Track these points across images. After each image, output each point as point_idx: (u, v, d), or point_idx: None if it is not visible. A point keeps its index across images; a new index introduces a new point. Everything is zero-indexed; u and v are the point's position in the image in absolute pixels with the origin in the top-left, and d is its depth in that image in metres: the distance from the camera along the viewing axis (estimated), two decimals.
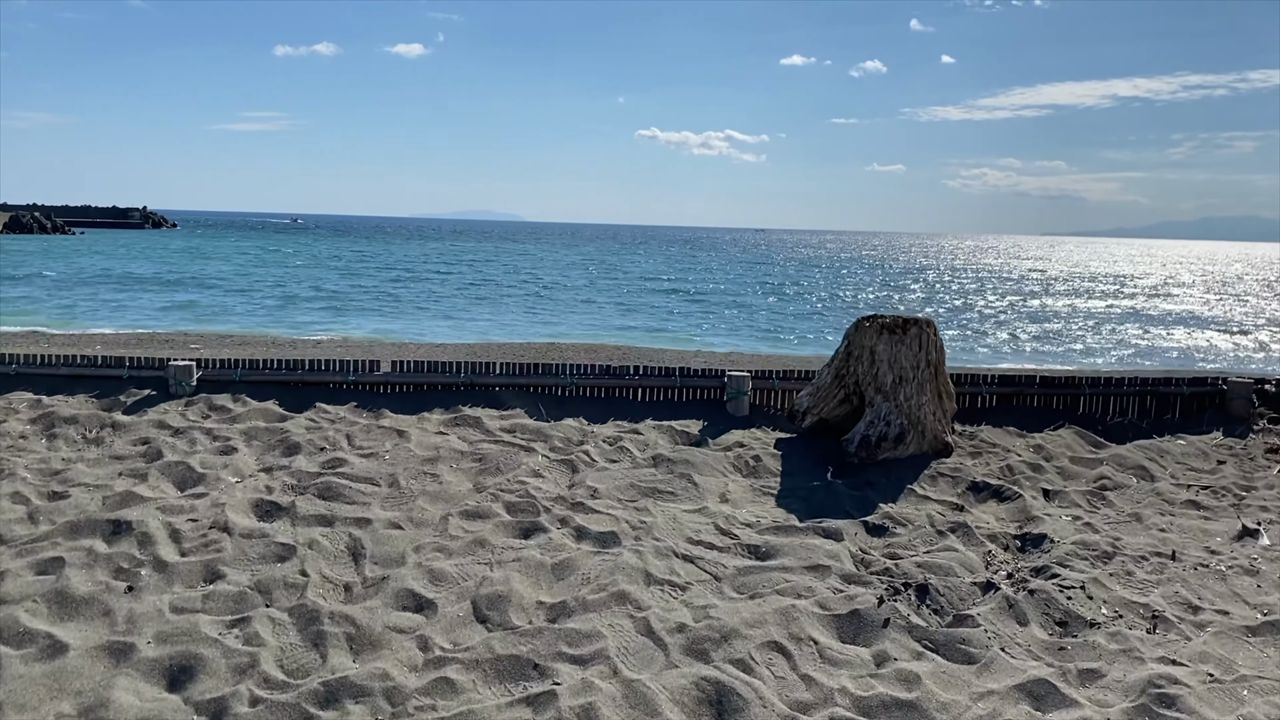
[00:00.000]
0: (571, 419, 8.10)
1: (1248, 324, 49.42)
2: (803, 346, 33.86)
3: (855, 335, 8.07)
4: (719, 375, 8.57)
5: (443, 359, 27.05)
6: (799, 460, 7.62)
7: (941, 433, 7.98)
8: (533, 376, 8.60)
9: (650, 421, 8.11)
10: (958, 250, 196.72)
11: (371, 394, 8.50)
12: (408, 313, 38.58)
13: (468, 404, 8.23)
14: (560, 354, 28.19)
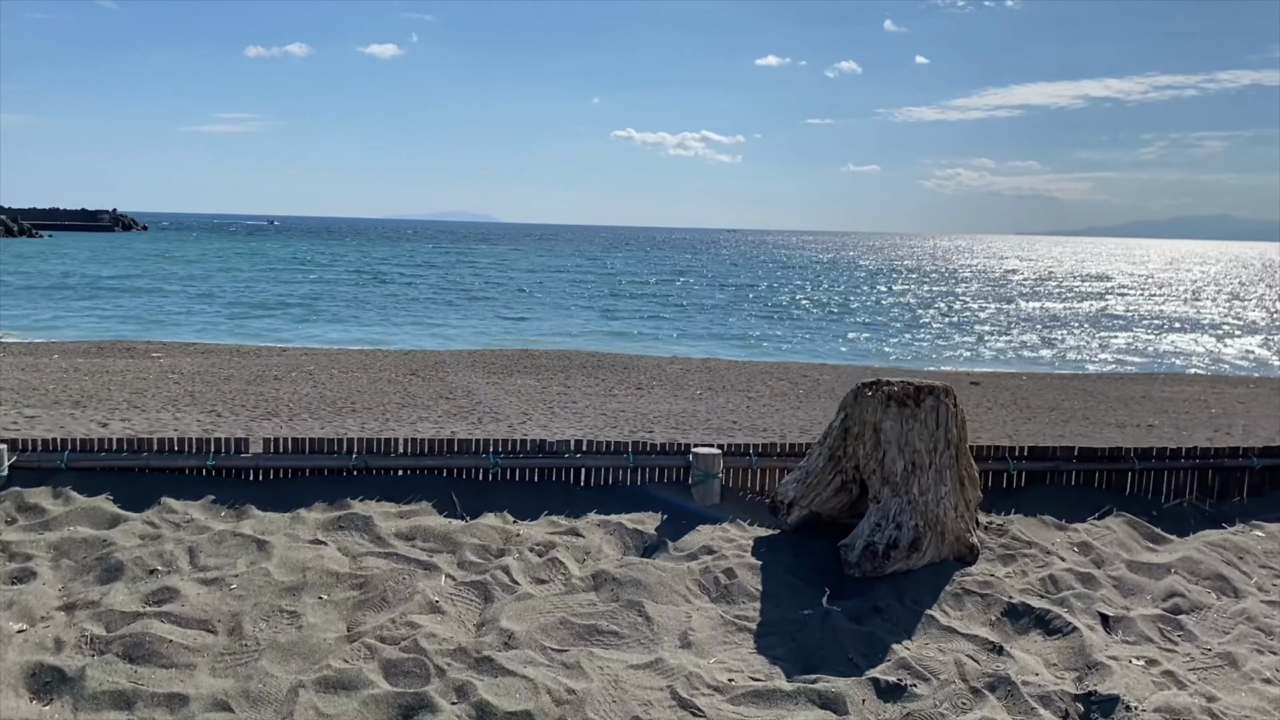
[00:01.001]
0: (493, 514, 6.24)
1: (1239, 325, 48.23)
2: (777, 353, 32.17)
3: (854, 407, 6.26)
4: (682, 452, 6.76)
5: (410, 366, 25.37)
6: (785, 574, 5.80)
7: (965, 532, 6.19)
8: (446, 456, 6.70)
9: (594, 516, 6.27)
10: (934, 250, 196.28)
11: (238, 482, 6.58)
12: (377, 318, 36.60)
13: (359, 494, 6.33)
14: (533, 360, 26.31)
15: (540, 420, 17.17)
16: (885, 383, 6.17)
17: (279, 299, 41.37)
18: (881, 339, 39.22)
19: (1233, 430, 19.59)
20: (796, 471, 6.43)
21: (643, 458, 6.75)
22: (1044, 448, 7.18)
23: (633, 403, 19.95)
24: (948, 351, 35.53)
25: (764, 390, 22.35)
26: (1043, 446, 7.20)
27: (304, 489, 6.32)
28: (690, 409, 19.49)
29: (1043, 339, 41.00)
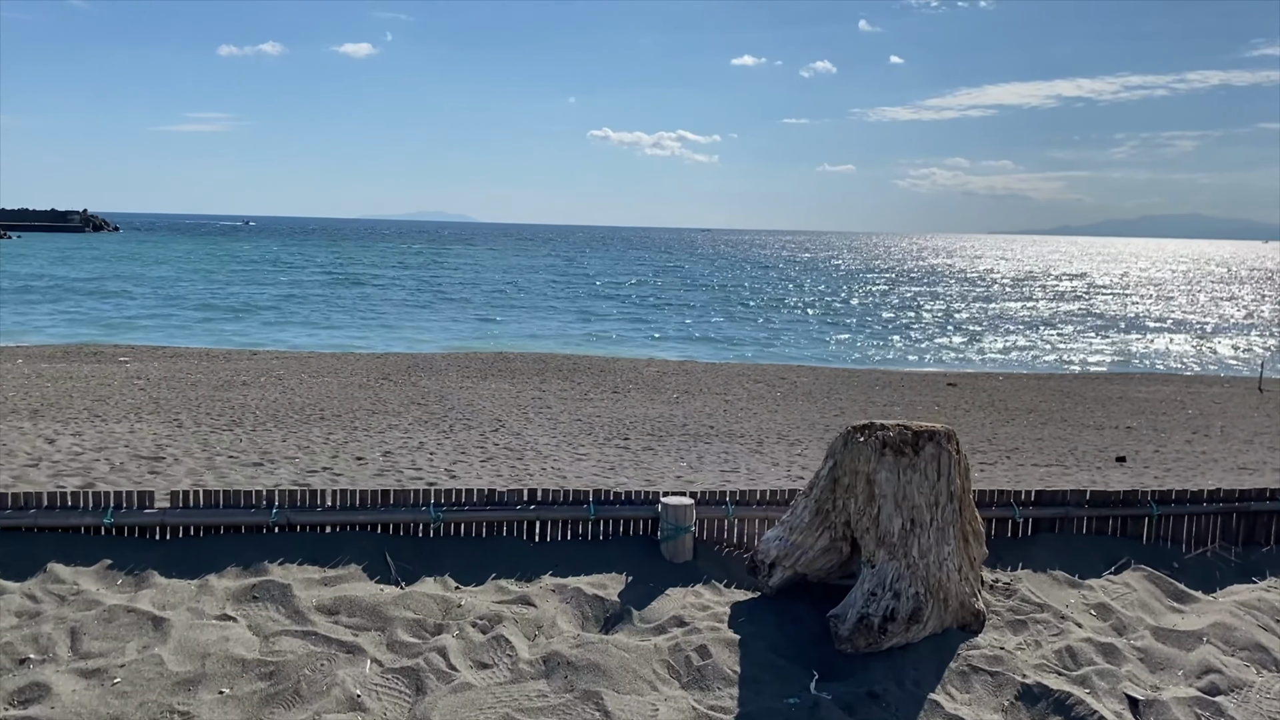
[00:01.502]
0: (432, 578, 5.24)
1: (1215, 324, 47.72)
2: (755, 355, 31.19)
3: (844, 455, 5.32)
4: (650, 502, 5.80)
5: (383, 369, 24.29)
6: (767, 651, 4.87)
7: (971, 596, 5.26)
8: (380, 510, 5.64)
9: (549, 579, 5.30)
10: (910, 250, 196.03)
11: (140, 542, 5.52)
12: (350, 321, 35.38)
13: (280, 556, 5.30)
14: (508, 364, 25.30)
15: (514, 426, 16.21)
16: (879, 426, 5.23)
17: (251, 301, 40.07)
18: (858, 340, 38.40)
19: (1210, 432, 18.87)
20: (778, 527, 5.49)
21: (605, 508, 5.77)
22: (1052, 492, 6.26)
23: (608, 407, 19.01)
24: (925, 352, 34.79)
25: (741, 393, 21.45)
26: (1051, 490, 6.28)
27: (217, 550, 5.31)
28: (667, 413, 18.57)
29: (1019, 339, 40.34)
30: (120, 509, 5.44)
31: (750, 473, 12.61)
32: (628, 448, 14.41)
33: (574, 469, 12.03)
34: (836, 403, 20.60)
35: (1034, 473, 14.04)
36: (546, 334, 33.66)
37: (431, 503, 5.64)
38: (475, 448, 13.52)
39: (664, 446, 14.75)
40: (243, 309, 37.22)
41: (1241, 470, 14.85)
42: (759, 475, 12.41)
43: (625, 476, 11.62)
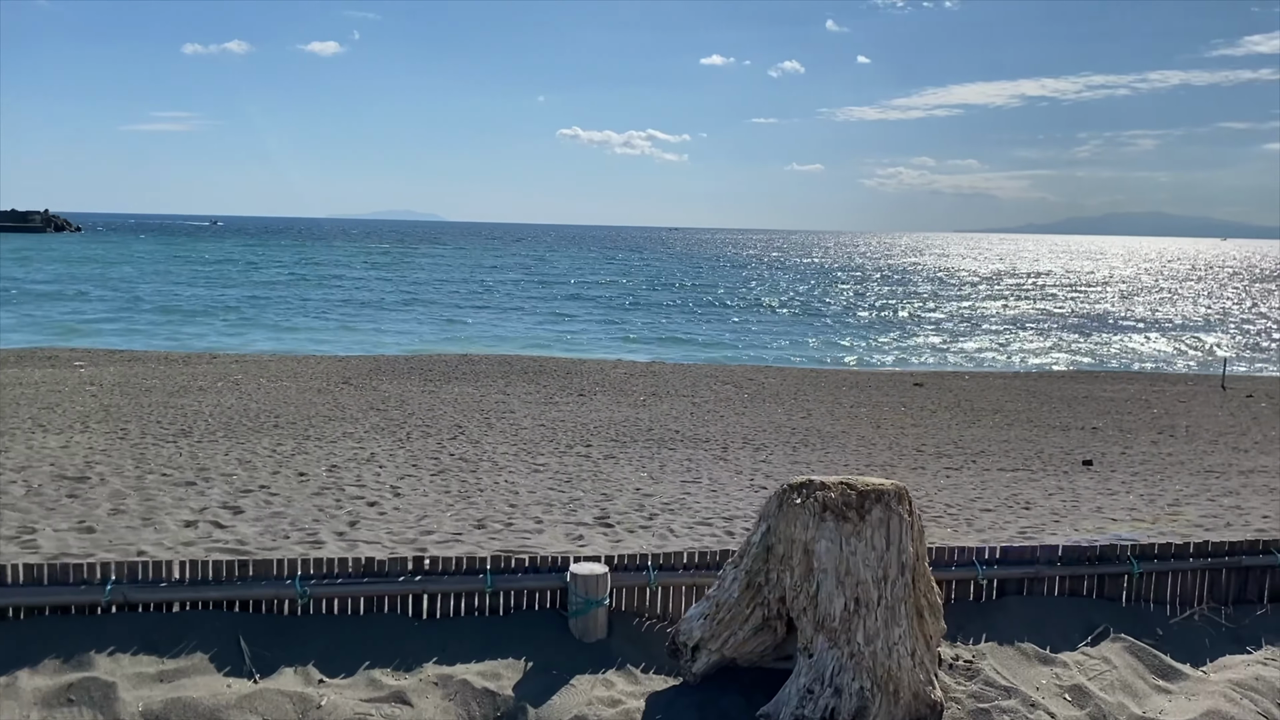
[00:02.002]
0: (294, 668, 4.23)
1: (1184, 322, 47.10)
2: (722, 355, 30.09)
3: (779, 519, 4.35)
4: (557, 568, 4.77)
5: (344, 373, 23.17)
6: None
7: (926, 685, 4.32)
8: (238, 585, 4.59)
9: (433, 668, 4.29)
10: (877, 249, 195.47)
11: None
12: (313, 323, 34.01)
13: (110, 644, 4.20)
14: (472, 366, 24.23)
15: (474, 433, 15.21)
16: (819, 485, 4.26)
17: (213, 303, 38.66)
18: (826, 339, 37.51)
19: (1176, 432, 18.09)
20: (704, 602, 4.52)
21: (504, 579, 4.75)
22: (1020, 548, 5.31)
23: (573, 411, 18.03)
24: (893, 352, 33.92)
25: (708, 395, 20.51)
26: (1018, 547, 5.32)
27: (36, 635, 4.26)
28: (632, 417, 17.61)
29: (986, 338, 39.57)
30: None
31: (712, 483, 11.66)
32: (589, 456, 13.45)
33: (528, 482, 11.04)
34: (804, 404, 19.70)
35: (1000, 478, 13.17)
36: (513, 335, 32.57)
37: (298, 575, 4.61)
38: (429, 459, 12.52)
39: (626, 454, 13.79)
40: (204, 311, 35.84)
41: (1208, 474, 14.04)
42: (721, 486, 11.46)
43: (581, 490, 10.65)
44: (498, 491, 10.27)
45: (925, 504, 10.79)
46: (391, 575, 4.71)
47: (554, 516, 8.87)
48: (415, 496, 9.66)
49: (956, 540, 8.63)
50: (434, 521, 8.36)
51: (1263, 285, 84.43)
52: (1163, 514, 10.84)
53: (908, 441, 16.16)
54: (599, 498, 10.17)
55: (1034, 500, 11.41)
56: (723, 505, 10.09)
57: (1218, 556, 5.40)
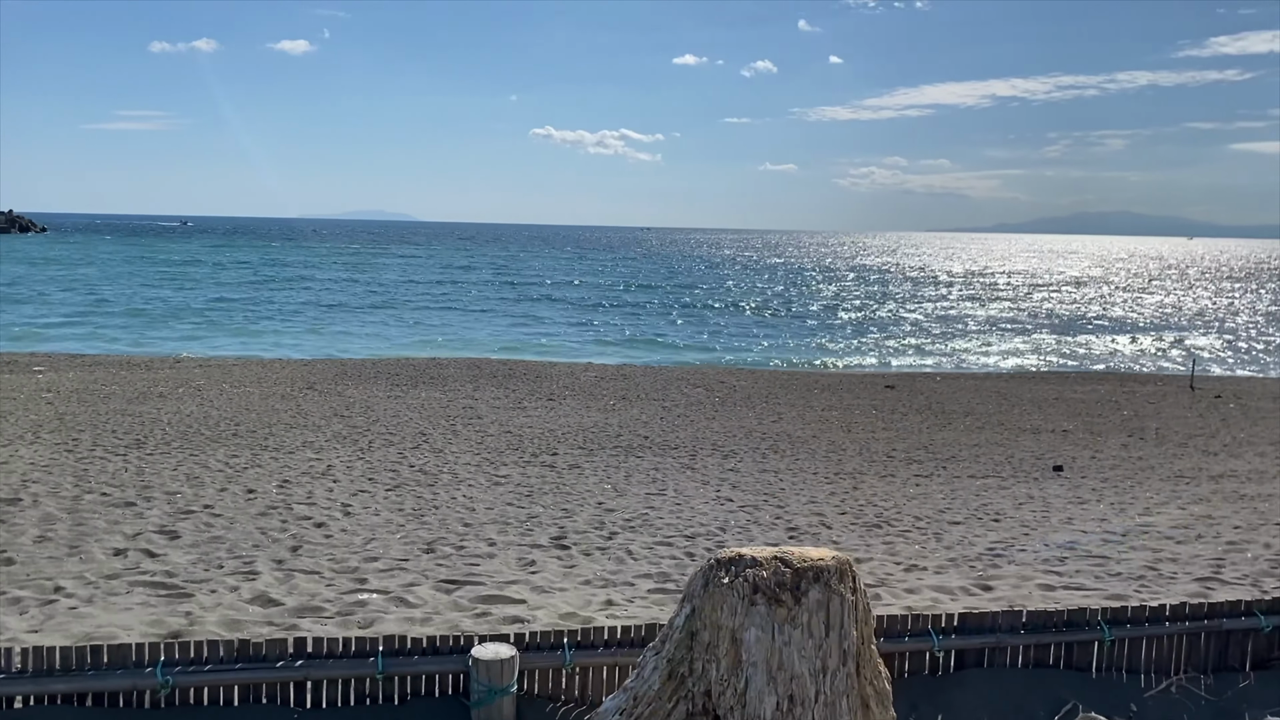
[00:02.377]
0: None
1: (1150, 321, 47.13)
2: (695, 356, 29.52)
3: (705, 600, 3.85)
4: (458, 649, 4.17)
5: (309, 378, 22.50)
6: None
7: None
8: (89, 675, 3.99)
9: None
10: (851, 248, 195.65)
11: None
12: (280, 326, 33.13)
13: None
14: (440, 370, 23.65)
15: (437, 441, 14.74)
16: (749, 562, 3.75)
17: (180, 306, 37.67)
18: (799, 340, 37.10)
19: (1145, 434, 17.86)
20: (620, 695, 4.01)
21: (399, 663, 4.17)
22: (980, 614, 4.79)
23: (542, 416, 17.58)
24: (865, 352, 33.60)
25: (679, 399, 20.11)
26: (978, 613, 4.81)
27: None
28: (601, 422, 17.19)
29: (958, 338, 39.38)
30: None
31: (677, 494, 11.25)
32: (553, 465, 13.01)
33: (487, 497, 10.59)
34: (775, 408, 19.34)
35: (970, 485, 12.86)
36: (483, 338, 31.97)
37: (160, 661, 4.04)
38: (387, 471, 12.04)
39: (592, 463, 13.36)
40: (169, 314, 34.85)
41: (1179, 479, 13.78)
42: (686, 498, 11.05)
43: (541, 505, 10.21)
44: (454, 508, 9.82)
45: (893, 516, 10.44)
46: (270, 660, 4.12)
47: (509, 537, 8.43)
48: (366, 516, 9.19)
49: (923, 558, 8.28)
50: (381, 545, 7.90)
51: (1229, 285, 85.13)
52: (1134, 525, 10.54)
53: (878, 446, 15.83)
54: (559, 514, 9.74)
55: (1004, 511, 11.08)
56: (686, 521, 9.69)
57: (1196, 620, 4.94)
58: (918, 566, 7.79)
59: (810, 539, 8.97)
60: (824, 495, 11.61)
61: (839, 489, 12.16)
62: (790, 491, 11.79)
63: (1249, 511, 11.48)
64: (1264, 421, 19.46)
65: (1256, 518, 11.06)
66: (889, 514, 10.57)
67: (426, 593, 6.20)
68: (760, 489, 11.87)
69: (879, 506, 11.01)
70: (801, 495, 11.56)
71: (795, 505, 10.86)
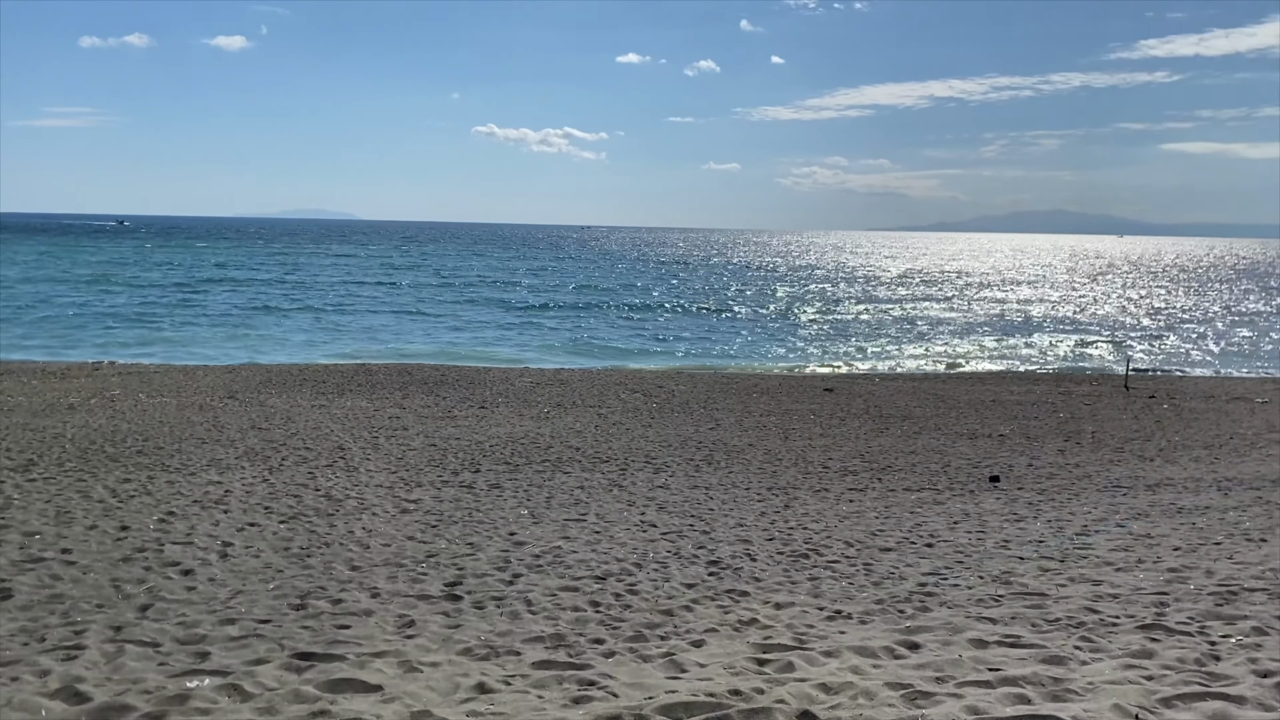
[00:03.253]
0: None
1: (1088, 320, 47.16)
2: (634, 359, 28.41)
3: None
4: None
5: (231, 386, 21.08)
6: None
7: None
8: None
9: None
10: (794, 247, 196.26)
11: None
12: (210, 332, 31.32)
13: None
14: (370, 377, 22.34)
15: (355, 457, 13.69)
16: None
17: (104, 309, 35.68)
18: (742, 342, 36.32)
19: (1082, 439, 17.36)
20: None
21: None
22: None
23: (471, 426, 16.57)
24: (806, 353, 32.91)
25: (616, 405, 19.20)
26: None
27: None
28: (533, 432, 16.23)
29: (896, 337, 38.92)
30: None
31: (599, 520, 10.36)
32: (473, 486, 12.04)
33: (389, 529, 9.57)
34: (713, 413, 18.52)
35: (905, 500, 12.14)
36: (419, 342, 30.67)
37: None
38: (289, 496, 10.96)
39: (515, 481, 12.40)
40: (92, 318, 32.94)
41: (1116, 489, 13.22)
42: (607, 525, 10.16)
43: (445, 539, 9.23)
44: (348, 545, 8.78)
45: (823, 541, 9.61)
46: None
47: (396, 585, 7.43)
48: (245, 559, 8.12)
49: (849, 599, 7.43)
50: (247, 600, 6.86)
51: (1159, 282, 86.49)
52: (1071, 549, 9.83)
53: (814, 455, 15.08)
54: (462, 550, 8.76)
55: (938, 532, 10.32)
56: (601, 555, 8.76)
57: None
58: (841, 614, 6.94)
59: (731, 575, 8.09)
60: (753, 517, 10.77)
61: (770, 508, 11.34)
62: (719, 512, 10.94)
63: (1188, 529, 10.85)
64: (1196, 423, 19.10)
65: (1195, 536, 10.42)
66: (819, 539, 9.75)
67: (271, 674, 5.19)
68: (688, 510, 11.00)
69: (809, 530, 10.19)
70: (730, 517, 10.71)
71: (722, 530, 10.00)
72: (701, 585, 7.72)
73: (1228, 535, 10.44)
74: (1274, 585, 8.08)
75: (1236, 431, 18.25)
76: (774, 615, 6.91)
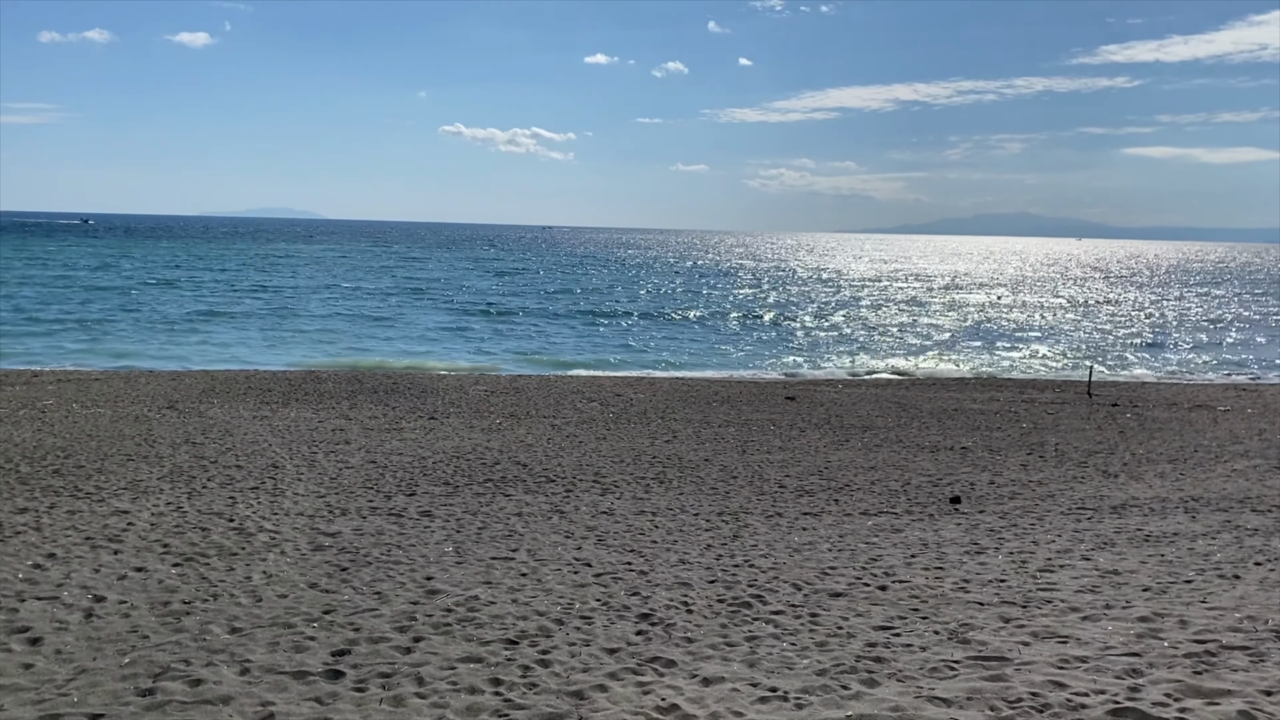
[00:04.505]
0: None
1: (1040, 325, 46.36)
2: (593, 365, 27.10)
3: None
4: None
5: (172, 395, 19.51)
6: None
7: None
8: None
9: None
10: (760, 249, 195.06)
11: None
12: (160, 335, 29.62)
13: None
14: (318, 385, 20.96)
15: (289, 475, 12.56)
16: None
17: (52, 312, 33.75)
18: (701, 346, 34.97)
19: (1045, 452, 16.45)
20: None
21: None
22: None
23: (416, 439, 15.43)
24: (767, 359, 31.72)
25: (571, 415, 18.10)
26: None
27: None
28: (481, 445, 15.12)
29: (861, 342, 37.87)
30: None
31: (529, 558, 9.31)
32: (403, 514, 10.94)
33: (290, 576, 8.46)
34: (670, 424, 17.47)
35: (861, 527, 11.16)
36: (372, 347, 29.29)
37: None
38: (195, 530, 9.82)
39: (449, 507, 11.31)
40: (35, 321, 31.13)
41: (1080, 512, 12.31)
42: (536, 566, 9.11)
43: (352, 588, 8.15)
44: (237, 597, 7.65)
45: (768, 584, 8.58)
46: None
47: (274, 657, 6.32)
48: (112, 619, 6.98)
49: (787, 670, 6.41)
50: (87, 683, 5.73)
51: (1120, 285, 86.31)
52: (1034, 590, 8.85)
53: (771, 472, 14.06)
54: (367, 603, 7.65)
55: (894, 569, 9.32)
56: (521, 607, 7.68)
57: None
58: (776, 693, 5.92)
59: (660, 636, 7.04)
60: (698, 551, 9.73)
61: (717, 539, 10.31)
62: (662, 545, 9.90)
63: (1156, 562, 9.92)
64: (1160, 434, 18.26)
65: (1165, 572, 9.49)
66: (764, 580, 8.72)
67: None
68: (629, 543, 9.95)
69: (755, 569, 9.16)
70: (673, 551, 9.67)
71: (661, 571, 8.95)
72: (625, 651, 6.69)
73: (1199, 571, 9.54)
74: (1253, 640, 7.16)
75: (1200, 444, 17.43)
76: (699, 696, 5.87)
